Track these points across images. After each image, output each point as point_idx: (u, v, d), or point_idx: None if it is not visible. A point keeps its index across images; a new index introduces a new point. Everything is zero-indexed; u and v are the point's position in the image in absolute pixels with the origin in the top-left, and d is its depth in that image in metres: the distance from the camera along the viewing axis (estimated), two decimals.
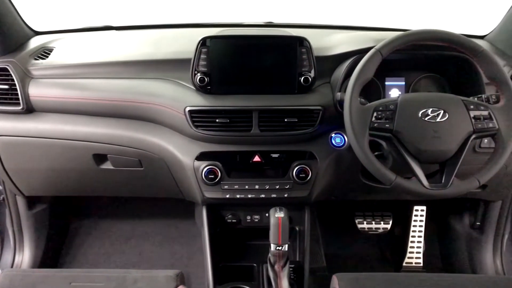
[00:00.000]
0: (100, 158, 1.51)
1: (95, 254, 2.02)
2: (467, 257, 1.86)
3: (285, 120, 1.36)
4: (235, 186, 1.42)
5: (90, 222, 2.12)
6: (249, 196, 1.43)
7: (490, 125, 1.20)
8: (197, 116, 1.35)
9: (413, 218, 1.95)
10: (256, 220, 1.56)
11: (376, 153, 1.36)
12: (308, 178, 1.41)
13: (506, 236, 1.76)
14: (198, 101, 1.37)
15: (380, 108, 1.21)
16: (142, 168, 1.50)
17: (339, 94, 1.34)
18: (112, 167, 1.51)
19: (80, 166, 1.53)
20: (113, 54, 1.53)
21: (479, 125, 1.19)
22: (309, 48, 1.38)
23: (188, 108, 1.35)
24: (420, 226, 1.96)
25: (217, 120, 1.35)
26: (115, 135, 1.45)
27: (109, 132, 1.45)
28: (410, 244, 1.96)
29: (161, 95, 1.40)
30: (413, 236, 1.96)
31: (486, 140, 1.42)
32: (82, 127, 1.46)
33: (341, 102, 1.31)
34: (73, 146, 1.47)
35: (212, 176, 1.39)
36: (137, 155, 1.46)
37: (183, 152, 1.41)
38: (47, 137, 1.47)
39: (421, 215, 1.95)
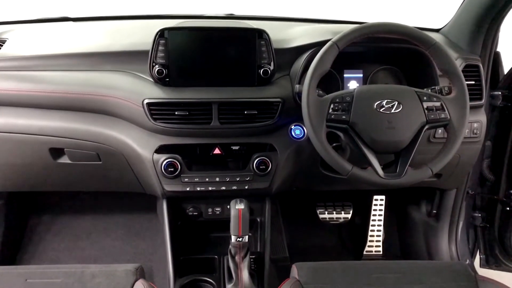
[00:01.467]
0: (56, 152, 1.47)
1: (55, 250, 1.98)
2: (424, 244, 1.92)
3: (245, 112, 1.37)
4: (196, 179, 1.41)
5: (49, 218, 2.07)
6: (210, 188, 1.43)
7: (442, 115, 1.23)
8: (156, 109, 1.34)
9: (373, 207, 2.00)
10: (218, 213, 1.56)
11: (334, 144, 1.38)
12: (269, 169, 1.42)
13: (460, 223, 1.83)
14: (157, 93, 1.35)
15: (337, 100, 1.23)
16: (100, 162, 1.48)
17: (297, 86, 1.35)
18: (69, 161, 1.48)
19: (36, 161, 1.49)
20: (69, 46, 1.49)
21: (432, 116, 1.23)
22: (268, 41, 1.38)
23: (146, 101, 1.33)
24: (380, 215, 2.01)
25: (176, 113, 1.34)
26: (72, 128, 1.41)
27: (65, 126, 1.41)
28: (370, 233, 2.01)
29: (119, 87, 1.38)
30: (373, 225, 2.01)
31: (440, 131, 1.47)
32: (37, 120, 1.42)
33: (299, 94, 1.32)
34: (27, 140, 1.43)
35: (172, 169, 1.38)
36: (95, 149, 1.44)
37: (142, 145, 1.39)
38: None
39: (381, 205, 2.00)
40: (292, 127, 1.43)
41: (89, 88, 1.38)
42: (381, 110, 1.22)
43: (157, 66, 1.34)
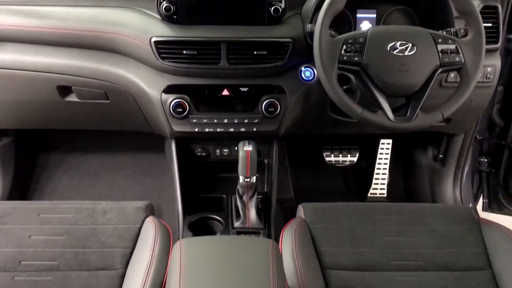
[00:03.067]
0: (64, 90, 1.46)
1: (64, 188, 2.02)
2: (428, 188, 1.94)
3: (254, 52, 1.34)
4: (204, 120, 1.41)
5: (58, 156, 2.10)
6: (218, 130, 1.43)
7: (457, 59, 1.20)
8: (164, 47, 1.31)
9: (379, 151, 2.01)
10: (225, 154, 1.57)
11: (344, 87, 1.36)
12: (277, 112, 1.41)
13: (466, 168, 1.84)
14: (164, 31, 1.32)
15: (350, 41, 1.20)
16: (108, 101, 1.47)
17: (309, 25, 1.31)
18: (77, 100, 1.48)
19: (44, 98, 1.49)
20: None
21: (446, 59, 1.20)
22: None
23: (154, 39, 1.30)
24: (386, 159, 2.02)
25: (184, 52, 1.31)
26: (79, 66, 1.39)
27: (73, 63, 1.39)
28: (375, 176, 2.03)
29: (126, 24, 1.34)
30: (378, 169, 2.03)
31: (452, 75, 1.44)
32: (44, 57, 1.40)
33: (311, 34, 1.29)
34: (35, 77, 1.42)
35: (180, 110, 1.38)
36: (103, 87, 1.43)
37: (150, 85, 1.38)
38: (7, 68, 1.41)
39: (387, 149, 2.01)
40: (302, 68, 1.40)
41: (95, 25, 1.35)
42: (394, 52, 1.19)
43: (164, 2, 1.30)
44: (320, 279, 1.09)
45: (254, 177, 1.34)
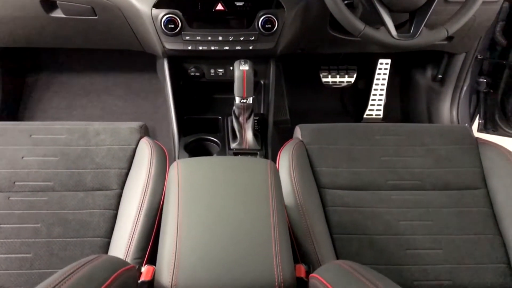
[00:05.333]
0: (49, 4, 1.37)
1: (55, 108, 1.98)
2: (425, 109, 1.93)
3: None
4: (197, 37, 1.35)
5: (47, 76, 2.03)
6: (212, 48, 1.37)
7: None
8: None
9: (377, 71, 1.97)
10: (220, 74, 1.52)
11: (345, 1, 1.29)
12: (275, 29, 1.34)
13: (464, 88, 1.81)
14: None
15: None
16: (96, 17, 1.39)
17: None
18: (63, 15, 1.39)
19: (28, 14, 1.40)
20: None
21: None
22: None
23: None
24: (383, 79, 1.98)
25: None
26: None
27: None
28: (372, 97, 2.00)
29: None
30: (375, 89, 2.00)
31: None
32: None
33: None
34: None
35: (172, 26, 1.31)
36: (89, 2, 1.34)
37: None
38: None
39: (385, 68, 1.96)
40: None
41: None
42: None
43: None
44: (316, 198, 1.10)
45: (251, 98, 1.30)
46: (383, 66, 1.95)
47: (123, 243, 0.94)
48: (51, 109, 1.98)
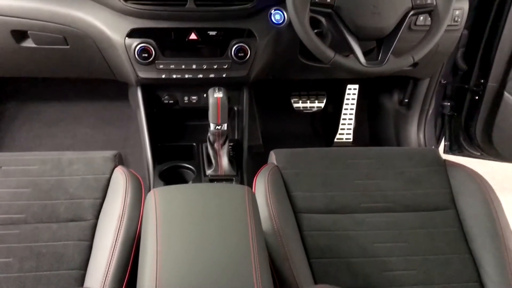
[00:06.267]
0: (19, 34, 1.36)
1: (24, 138, 1.94)
2: (393, 132, 1.98)
3: None
4: (171, 66, 1.36)
5: (15, 105, 1.99)
6: (186, 76, 1.38)
7: (428, 1, 1.19)
8: None
9: (346, 96, 2.02)
10: (194, 101, 1.53)
11: (315, 31, 1.33)
12: (247, 57, 1.37)
13: (430, 112, 1.88)
14: None
15: None
16: (68, 47, 1.38)
17: None
18: (34, 45, 1.38)
19: None
20: None
21: (418, 1, 1.19)
22: None
23: None
24: (352, 104, 2.04)
25: None
26: (35, 8, 1.29)
27: (28, 5, 1.29)
28: (341, 121, 2.05)
29: None
30: (345, 114, 2.05)
31: (421, 18, 1.43)
32: None
33: None
34: None
35: (146, 55, 1.32)
36: (61, 32, 1.34)
37: (112, 28, 1.30)
38: None
39: (354, 94, 2.02)
40: (272, 11, 1.36)
41: None
42: None
43: None
44: (293, 222, 1.11)
45: (225, 124, 1.32)
46: (352, 92, 2.01)
47: (99, 275, 0.92)
48: (21, 139, 1.93)
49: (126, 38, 1.30)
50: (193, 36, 1.34)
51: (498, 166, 2.26)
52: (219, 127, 1.31)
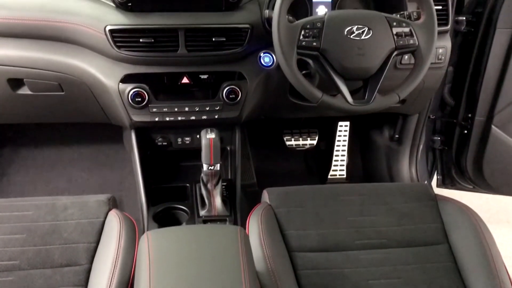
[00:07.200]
0: (16, 82, 1.40)
1: (19, 183, 1.94)
2: (386, 167, 2.01)
3: (213, 39, 1.33)
4: (164, 109, 1.39)
5: (10, 151, 2.01)
6: (179, 118, 1.41)
7: (411, 41, 1.24)
8: (119, 36, 1.27)
9: (338, 133, 2.05)
10: (187, 142, 1.56)
11: (303, 72, 1.37)
12: (238, 98, 1.41)
13: (421, 147, 1.91)
14: (119, 19, 1.28)
15: (308, 26, 1.20)
16: (63, 93, 1.42)
17: (267, 11, 1.31)
18: (30, 92, 1.42)
19: None
20: None
21: (401, 42, 1.23)
22: None
23: (108, 27, 1.26)
24: (344, 140, 2.06)
25: (141, 40, 1.28)
26: (31, 57, 1.33)
27: (24, 55, 1.33)
28: (334, 158, 2.07)
29: (77, 13, 1.29)
30: (337, 150, 2.07)
31: (406, 57, 1.48)
32: None
33: (269, 20, 1.29)
34: None
35: (139, 99, 1.35)
36: (57, 79, 1.37)
37: (106, 75, 1.34)
38: None
39: (345, 130, 2.05)
40: (261, 54, 1.41)
41: (45, 14, 1.29)
42: (351, 36, 1.21)
43: None
44: (287, 262, 1.11)
45: (218, 164, 1.34)
46: (343, 128, 2.04)
47: None
48: (16, 184, 1.94)
49: (120, 83, 1.34)
50: (185, 80, 1.38)
51: (493, 198, 2.28)
52: (212, 168, 1.33)
